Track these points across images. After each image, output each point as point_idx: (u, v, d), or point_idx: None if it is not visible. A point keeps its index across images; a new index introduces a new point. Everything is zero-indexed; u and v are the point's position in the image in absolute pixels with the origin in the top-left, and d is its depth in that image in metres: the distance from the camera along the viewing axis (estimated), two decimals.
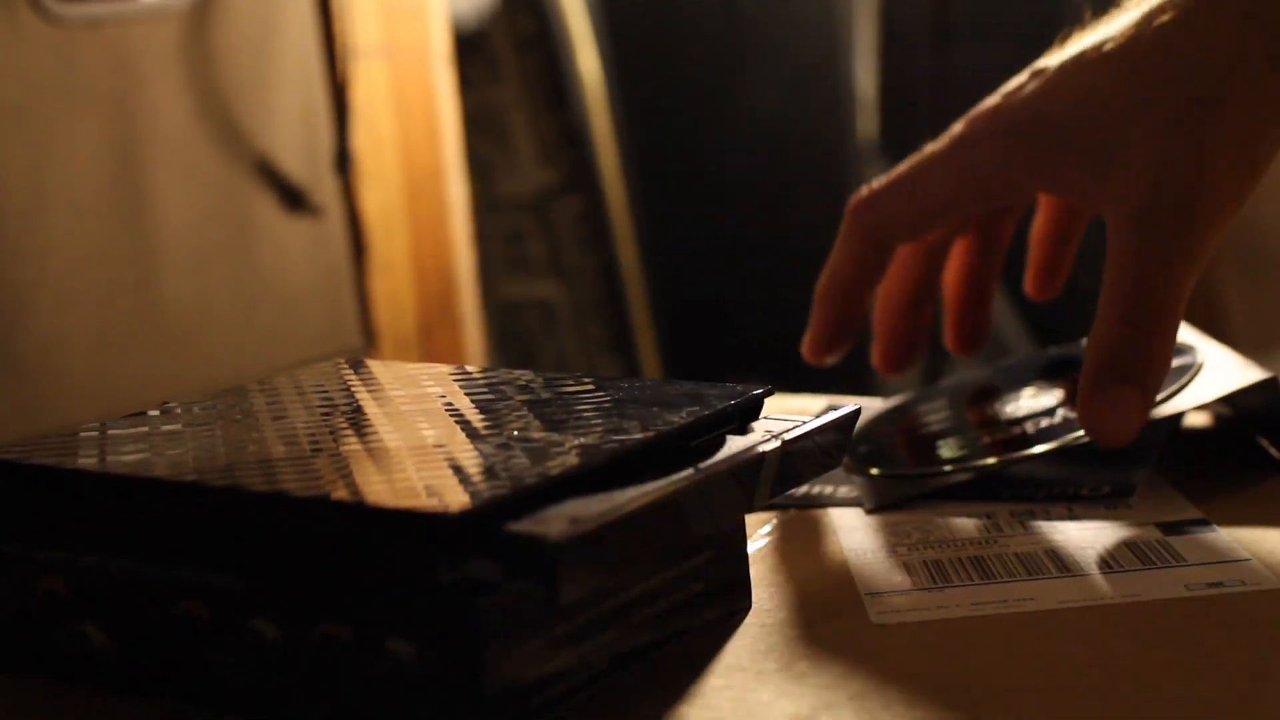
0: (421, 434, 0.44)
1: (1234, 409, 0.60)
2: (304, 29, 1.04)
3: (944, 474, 0.56)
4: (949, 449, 0.58)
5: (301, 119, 1.04)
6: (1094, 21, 0.56)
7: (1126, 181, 0.53)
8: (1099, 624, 0.44)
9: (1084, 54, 0.55)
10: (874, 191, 0.59)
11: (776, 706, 0.40)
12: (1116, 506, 0.53)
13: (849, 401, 0.60)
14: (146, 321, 0.94)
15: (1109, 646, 0.43)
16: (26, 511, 0.43)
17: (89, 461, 0.43)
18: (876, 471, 0.57)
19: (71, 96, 0.90)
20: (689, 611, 0.44)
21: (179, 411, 0.48)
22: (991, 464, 0.55)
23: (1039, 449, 0.55)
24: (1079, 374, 0.53)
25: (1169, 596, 0.45)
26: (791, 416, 0.47)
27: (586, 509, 0.38)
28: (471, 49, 1.43)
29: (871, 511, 0.54)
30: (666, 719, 0.40)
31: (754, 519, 0.54)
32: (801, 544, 0.52)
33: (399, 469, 0.41)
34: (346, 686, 0.39)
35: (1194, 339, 0.60)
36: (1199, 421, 0.62)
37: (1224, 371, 0.57)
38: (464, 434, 0.44)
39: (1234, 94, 0.52)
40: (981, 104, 0.57)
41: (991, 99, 0.57)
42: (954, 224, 0.61)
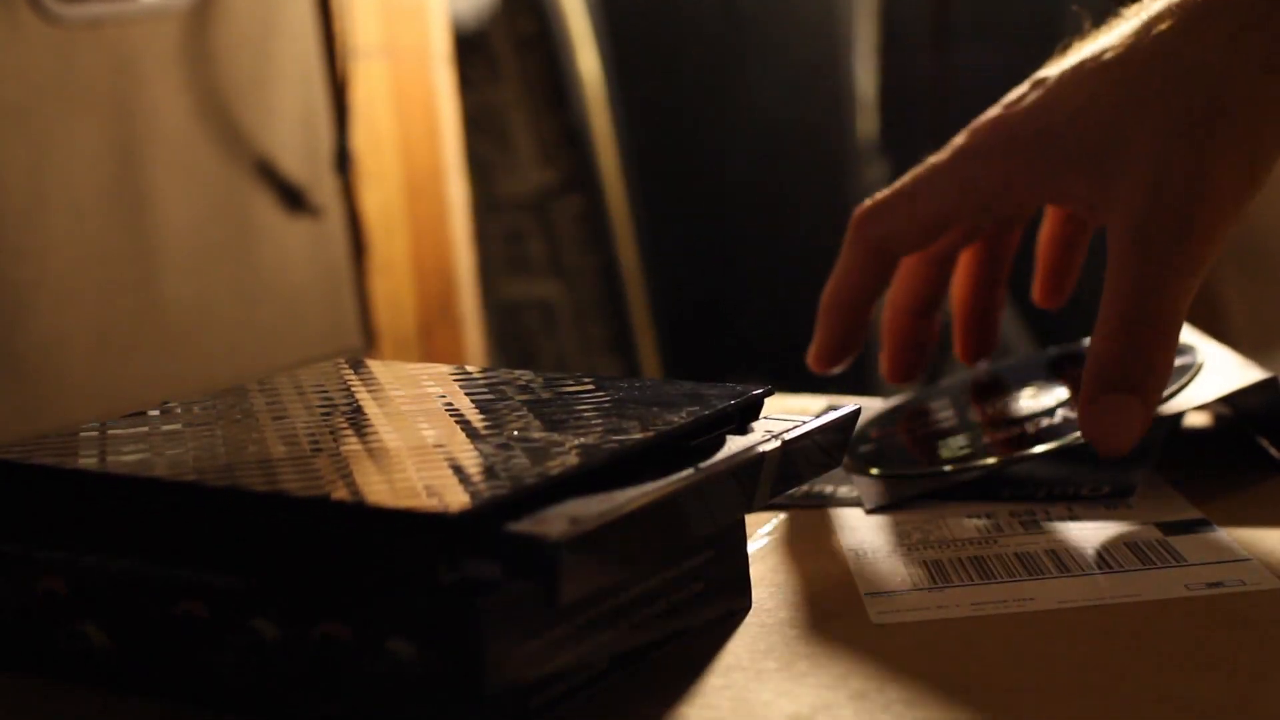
0: (421, 434, 0.44)
1: (1234, 409, 0.60)
2: (304, 29, 1.04)
3: (944, 474, 0.56)
4: (949, 449, 0.58)
5: (301, 119, 1.04)
6: (1094, 30, 0.56)
7: (1126, 190, 0.53)
8: (1099, 624, 0.44)
9: (1083, 63, 0.55)
10: (876, 203, 0.59)
11: (776, 706, 0.40)
12: (1116, 506, 0.53)
13: (849, 401, 0.60)
14: (146, 321, 0.94)
15: (1109, 646, 0.43)
16: (26, 511, 0.43)
17: (89, 461, 0.43)
18: (876, 471, 0.57)
19: (71, 96, 0.90)
20: (689, 611, 0.44)
21: (179, 411, 0.48)
22: (992, 464, 0.55)
23: (1039, 449, 0.55)
24: (1080, 373, 0.53)
25: (1169, 596, 0.45)
26: (791, 416, 0.47)
27: (586, 509, 0.38)
28: (471, 49, 1.43)
29: (871, 511, 0.54)
30: (666, 719, 0.40)
31: (754, 519, 0.54)
32: (801, 544, 0.52)
33: (399, 469, 0.41)
34: (346, 686, 0.39)
35: (1194, 339, 0.60)
36: (1199, 421, 0.62)
37: (1224, 371, 0.57)
38: (464, 434, 0.44)
39: (1233, 102, 0.52)
40: (983, 115, 0.57)
41: (993, 110, 0.57)
42: (959, 234, 0.61)
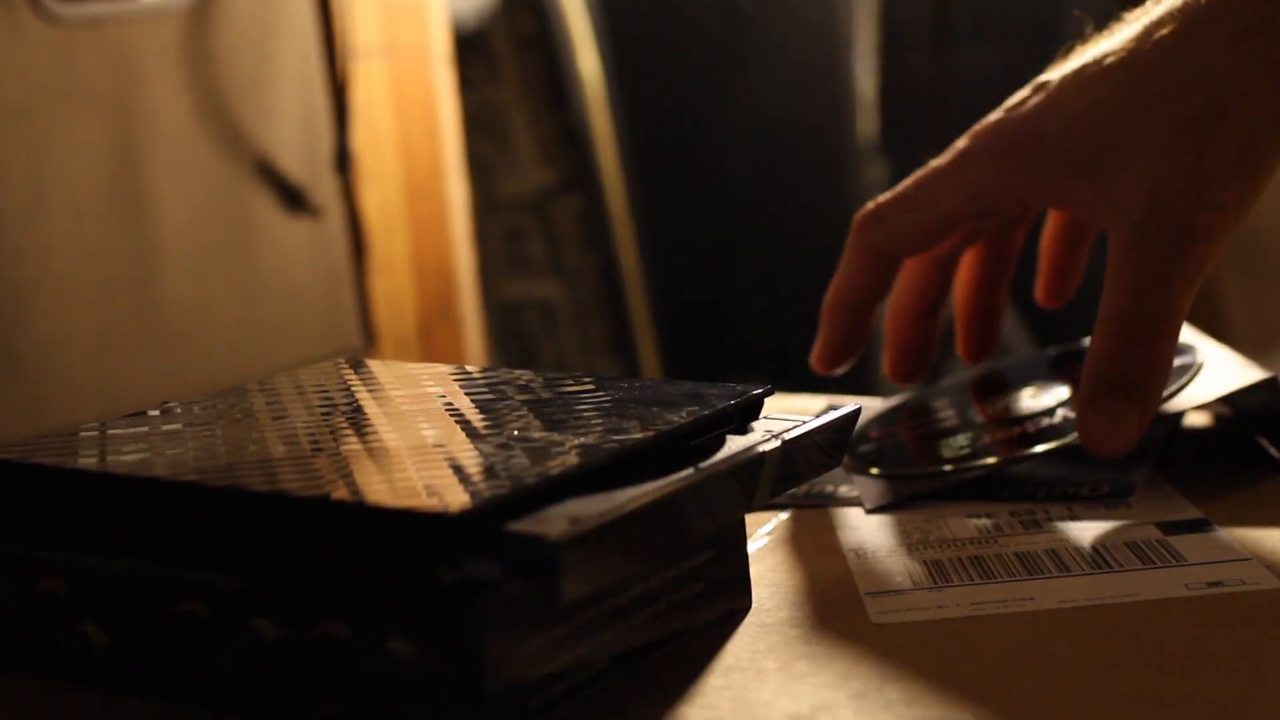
0: (421, 434, 0.44)
1: (1234, 409, 0.60)
2: (304, 29, 1.04)
3: (944, 474, 0.56)
4: (949, 449, 0.58)
5: (301, 119, 1.04)
6: (1096, 35, 0.56)
7: (1126, 195, 0.53)
8: (1099, 624, 0.44)
9: (1085, 67, 0.55)
10: (878, 206, 0.59)
11: (776, 706, 0.40)
12: (1116, 506, 0.53)
13: (849, 401, 0.60)
14: (146, 321, 0.94)
15: (1109, 646, 0.43)
16: (26, 511, 0.43)
17: (89, 461, 0.43)
18: (876, 471, 0.57)
19: (71, 96, 0.90)
20: (689, 611, 0.44)
21: (179, 411, 0.48)
22: (992, 464, 0.55)
23: (1039, 449, 0.55)
24: (1079, 372, 0.53)
25: (1169, 596, 0.45)
26: (791, 416, 0.47)
27: (586, 509, 0.38)
28: (471, 49, 1.43)
29: (871, 511, 0.54)
30: (666, 719, 0.40)
31: (754, 519, 0.54)
32: (801, 544, 0.52)
33: (399, 469, 0.41)
34: (346, 686, 0.39)
35: (1194, 339, 0.60)
36: (1199, 421, 0.62)
37: (1224, 371, 0.57)
38: (464, 434, 0.44)
39: (1235, 106, 0.51)
40: (985, 119, 0.58)
41: (994, 113, 0.57)
42: (961, 236, 0.61)
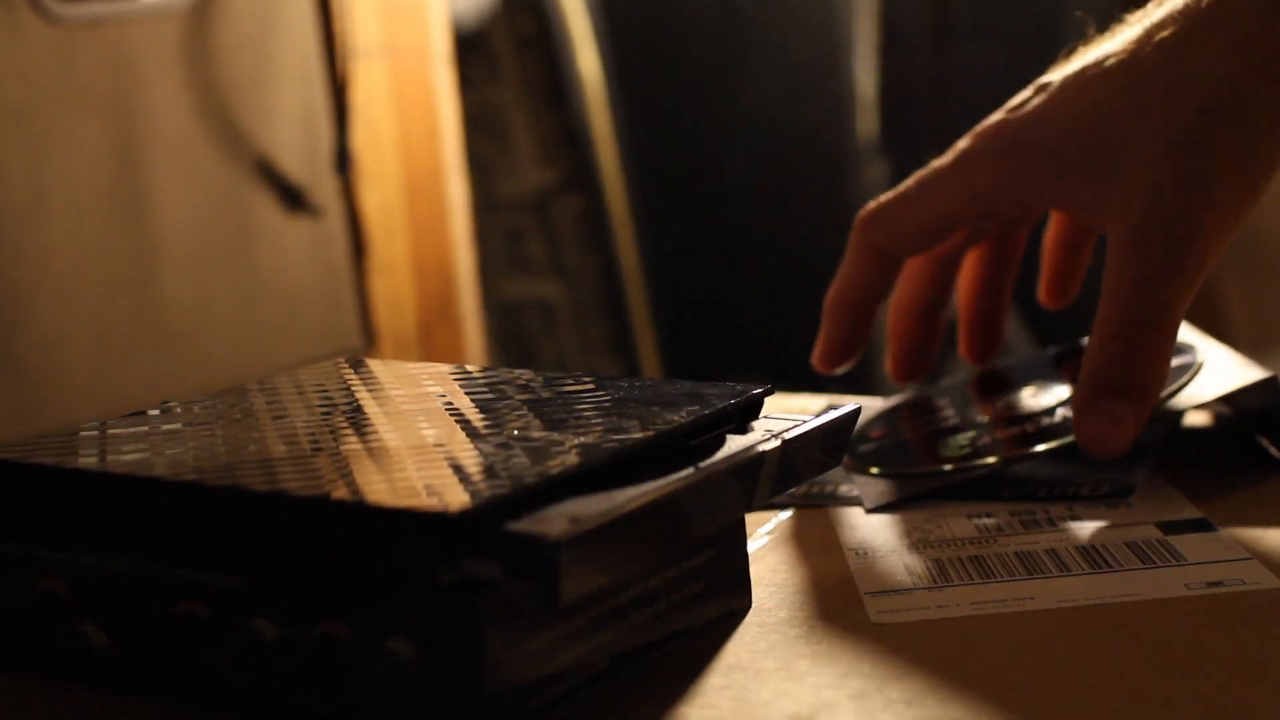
0: (421, 433, 0.44)
1: (1234, 409, 0.60)
2: (304, 29, 1.04)
3: (944, 473, 0.56)
4: (950, 448, 0.58)
5: (301, 119, 1.04)
6: (1097, 36, 0.56)
7: (1125, 197, 0.53)
8: (1099, 624, 0.44)
9: (1086, 69, 0.55)
10: (880, 206, 0.59)
11: (776, 706, 0.40)
12: (1116, 506, 0.53)
13: (849, 401, 0.60)
14: (146, 321, 0.94)
15: (1109, 646, 0.43)
16: (26, 511, 0.43)
17: (89, 461, 0.43)
18: (876, 471, 0.57)
19: (71, 96, 0.90)
20: (689, 611, 0.44)
21: (179, 411, 0.48)
22: (992, 463, 0.55)
23: (1039, 448, 0.55)
24: (1079, 372, 0.53)
25: (1169, 596, 0.45)
26: (791, 416, 0.47)
27: (586, 508, 0.38)
28: (471, 49, 1.43)
29: (871, 511, 0.54)
30: (666, 719, 0.40)
31: (754, 518, 0.54)
32: (801, 543, 0.52)
33: (399, 468, 0.41)
34: (346, 686, 0.39)
35: (1194, 339, 0.60)
36: (1199, 421, 0.62)
37: (1224, 371, 0.57)
38: (464, 433, 0.44)
39: (1235, 109, 0.51)
40: (986, 119, 0.58)
41: (996, 114, 0.57)
42: (963, 236, 0.61)
